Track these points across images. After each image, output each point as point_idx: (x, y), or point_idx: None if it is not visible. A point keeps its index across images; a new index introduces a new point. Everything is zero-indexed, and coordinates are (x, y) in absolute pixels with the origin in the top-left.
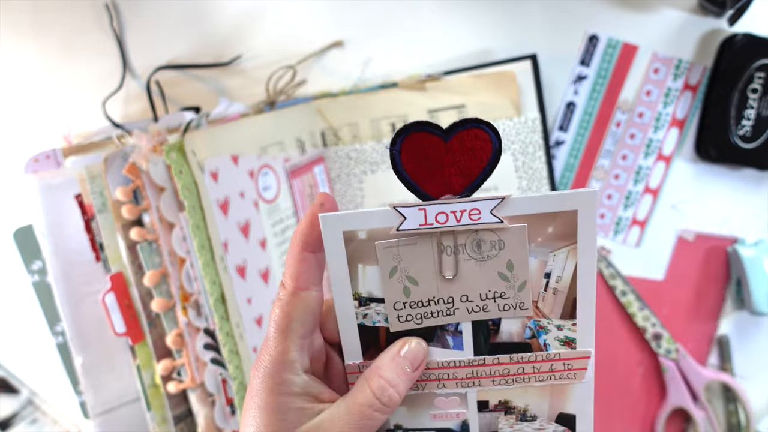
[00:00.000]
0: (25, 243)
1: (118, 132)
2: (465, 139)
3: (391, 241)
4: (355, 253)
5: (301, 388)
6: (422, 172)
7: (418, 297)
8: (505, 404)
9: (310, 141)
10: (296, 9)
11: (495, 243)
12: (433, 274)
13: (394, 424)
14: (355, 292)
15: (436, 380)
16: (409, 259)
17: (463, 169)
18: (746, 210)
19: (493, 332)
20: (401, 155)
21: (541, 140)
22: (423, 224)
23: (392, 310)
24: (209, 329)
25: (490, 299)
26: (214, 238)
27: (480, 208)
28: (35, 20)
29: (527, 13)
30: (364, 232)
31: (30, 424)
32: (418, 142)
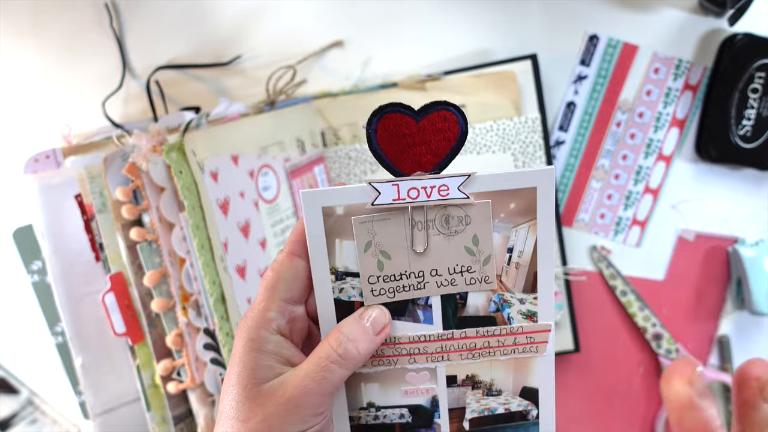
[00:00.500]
0: (24, 243)
1: (118, 132)
2: (435, 119)
3: (366, 216)
4: (333, 228)
5: (274, 347)
6: (395, 150)
7: (390, 271)
8: (472, 379)
9: (310, 141)
10: (296, 9)
11: (462, 218)
12: (405, 249)
13: (367, 402)
14: (332, 267)
15: (408, 355)
16: (383, 234)
17: (433, 148)
18: (746, 210)
19: (460, 306)
20: (377, 134)
21: (541, 140)
22: (396, 199)
23: (367, 284)
24: (209, 329)
25: (457, 273)
26: (214, 238)
27: (448, 185)
28: (35, 20)
29: (527, 13)
30: (341, 207)
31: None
32: (392, 122)
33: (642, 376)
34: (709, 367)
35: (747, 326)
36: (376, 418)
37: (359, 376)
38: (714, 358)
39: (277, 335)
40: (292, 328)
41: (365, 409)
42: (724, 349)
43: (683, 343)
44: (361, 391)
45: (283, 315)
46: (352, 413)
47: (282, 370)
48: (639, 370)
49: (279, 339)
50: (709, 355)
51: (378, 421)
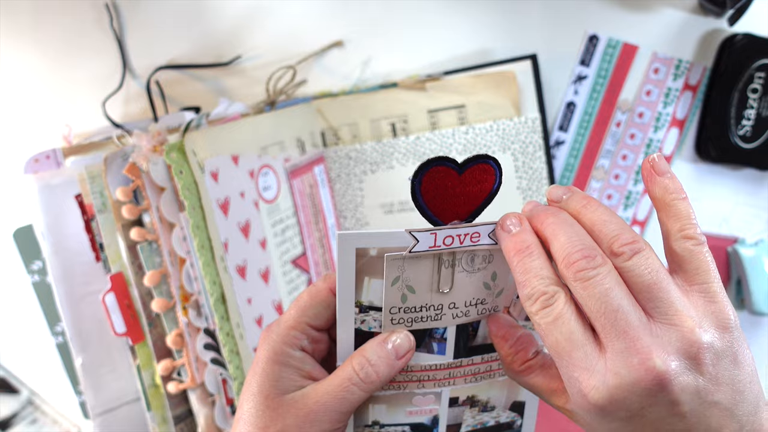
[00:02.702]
0: (25, 243)
1: (118, 132)
2: (475, 173)
3: (399, 254)
4: (364, 267)
5: (297, 362)
6: (438, 202)
7: (413, 303)
8: (471, 399)
9: (310, 141)
10: (296, 9)
11: (486, 257)
12: (429, 285)
13: (372, 421)
14: (357, 301)
15: (417, 381)
16: (412, 271)
17: (471, 198)
18: (746, 210)
19: (471, 336)
20: (422, 186)
21: (541, 140)
22: (432, 246)
23: (387, 314)
24: (209, 329)
25: (472, 305)
26: (215, 238)
27: (480, 232)
28: (35, 20)
29: (527, 13)
30: (374, 250)
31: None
32: (437, 176)
33: None
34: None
35: (747, 326)
36: None
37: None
38: None
39: (300, 351)
40: (315, 348)
41: (370, 426)
42: None
43: None
44: (368, 410)
45: (307, 336)
46: (357, 429)
47: (303, 384)
48: None
49: (302, 355)
50: None
51: None
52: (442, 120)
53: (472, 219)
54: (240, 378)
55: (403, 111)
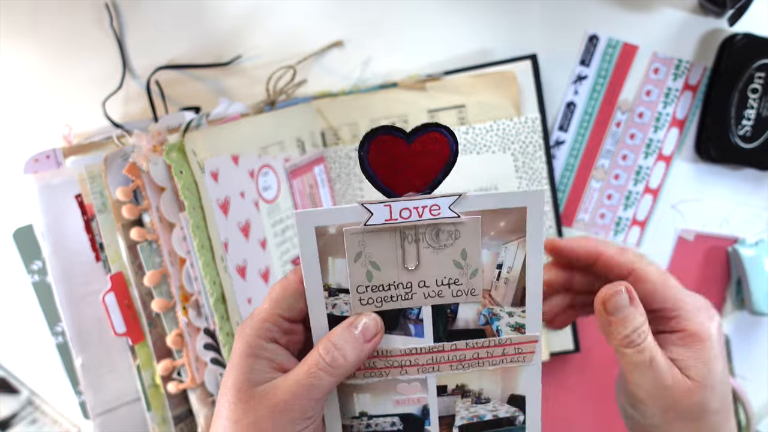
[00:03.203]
0: (25, 243)
1: (118, 132)
2: (426, 141)
3: (358, 227)
4: (326, 247)
5: (270, 354)
6: (387, 172)
7: (379, 281)
8: (461, 388)
9: (310, 141)
10: (296, 9)
11: (452, 233)
12: (394, 261)
13: (360, 412)
14: (325, 284)
15: (399, 367)
16: (373, 246)
17: (425, 169)
18: (746, 210)
19: (450, 320)
20: (369, 156)
21: (541, 140)
22: (388, 219)
23: (355, 293)
24: (209, 329)
25: (444, 285)
26: (215, 238)
27: (439, 204)
28: (35, 20)
29: (527, 13)
30: (334, 227)
31: (30, 424)
32: (384, 144)
33: None
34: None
35: (747, 326)
36: (368, 426)
37: (351, 386)
38: None
39: (273, 343)
40: (289, 339)
41: (357, 418)
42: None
43: None
44: (353, 400)
45: (281, 328)
46: (345, 422)
47: (275, 376)
48: None
49: (275, 347)
50: None
51: (370, 429)
52: (442, 120)
53: (430, 191)
54: None
55: (403, 111)
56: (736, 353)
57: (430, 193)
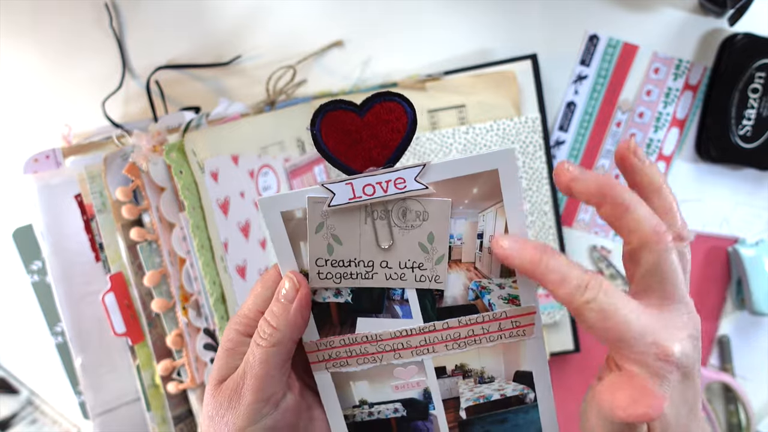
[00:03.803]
0: (24, 243)
1: (118, 132)
2: (379, 112)
3: (321, 197)
4: (295, 231)
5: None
6: (343, 148)
7: (340, 256)
8: (462, 368)
9: (310, 141)
10: (296, 9)
11: (420, 213)
12: (357, 237)
13: (359, 400)
14: (301, 270)
15: (392, 351)
16: (336, 219)
17: (382, 141)
18: (746, 210)
19: (438, 297)
20: (322, 134)
21: (541, 140)
22: (352, 198)
23: (314, 266)
24: (209, 329)
25: (408, 268)
26: (214, 238)
27: (404, 177)
28: (35, 20)
29: (527, 13)
30: (300, 211)
31: (30, 424)
32: (335, 120)
33: None
34: (709, 368)
35: (747, 326)
36: (370, 414)
37: (347, 374)
38: (714, 358)
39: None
40: None
41: (358, 406)
42: (724, 349)
43: None
44: (350, 389)
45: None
46: (346, 412)
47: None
48: None
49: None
50: (709, 355)
51: (373, 417)
52: (442, 120)
53: (392, 164)
54: None
55: None
56: (736, 353)
57: (392, 166)
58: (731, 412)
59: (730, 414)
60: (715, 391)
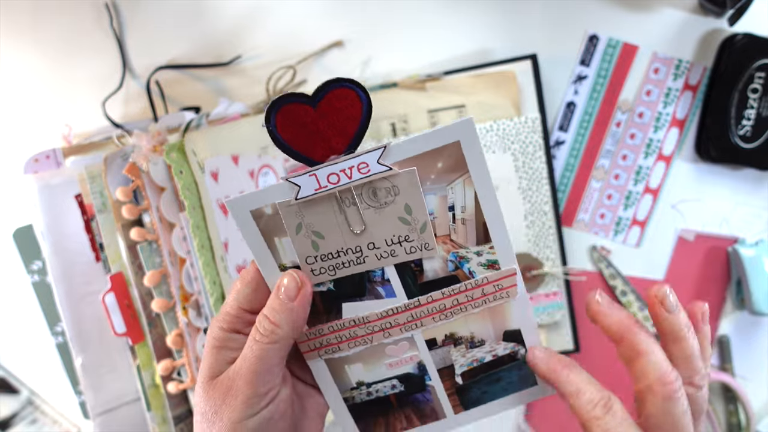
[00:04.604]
0: (24, 243)
1: (118, 132)
2: (332, 100)
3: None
4: (267, 228)
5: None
6: (302, 140)
7: (326, 250)
8: (451, 337)
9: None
10: (296, 9)
11: (390, 189)
12: (337, 227)
13: (357, 382)
14: (280, 265)
15: (381, 331)
16: (312, 215)
17: (339, 128)
18: (746, 210)
19: (418, 273)
20: (278, 129)
21: (541, 140)
22: (318, 188)
23: (305, 265)
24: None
25: (396, 244)
26: (215, 238)
27: (367, 161)
28: (35, 20)
29: (527, 13)
30: (269, 207)
31: (30, 424)
32: (289, 113)
33: None
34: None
35: (747, 326)
36: (369, 394)
37: (340, 360)
38: (714, 358)
39: (236, 334)
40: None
41: (356, 388)
42: (724, 349)
43: None
44: (346, 373)
45: (242, 319)
46: (345, 395)
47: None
48: None
49: (238, 336)
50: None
51: (372, 396)
52: (442, 120)
53: (352, 150)
54: None
55: (403, 111)
56: (736, 353)
57: (353, 153)
58: (731, 412)
59: (730, 414)
60: (715, 391)
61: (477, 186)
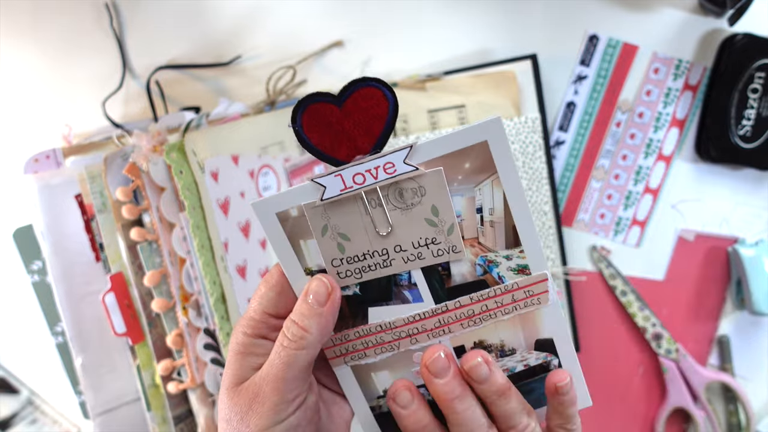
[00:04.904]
0: (25, 243)
1: (118, 132)
2: (358, 100)
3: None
4: (293, 231)
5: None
6: (328, 140)
7: (353, 252)
8: (481, 344)
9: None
10: (296, 9)
11: (416, 190)
12: (363, 229)
13: (383, 390)
14: (305, 268)
15: (408, 336)
16: (338, 217)
17: (365, 128)
18: (746, 210)
19: (445, 277)
20: (304, 129)
21: (541, 140)
22: (344, 189)
23: (331, 267)
24: (209, 329)
25: (423, 246)
26: (215, 238)
27: (393, 161)
28: (35, 20)
29: (527, 13)
30: (294, 209)
31: (30, 424)
32: (315, 113)
33: (642, 376)
34: (709, 367)
35: (747, 326)
36: None
37: (366, 367)
38: (714, 358)
39: (262, 339)
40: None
41: (383, 396)
42: (724, 349)
43: (683, 343)
44: (372, 380)
45: (267, 324)
46: (372, 403)
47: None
48: (639, 370)
49: (263, 342)
50: (709, 355)
51: None
52: (442, 120)
53: (378, 150)
54: None
55: (403, 111)
56: (736, 353)
57: (379, 152)
58: (731, 412)
59: (730, 414)
60: (714, 391)
61: (506, 187)
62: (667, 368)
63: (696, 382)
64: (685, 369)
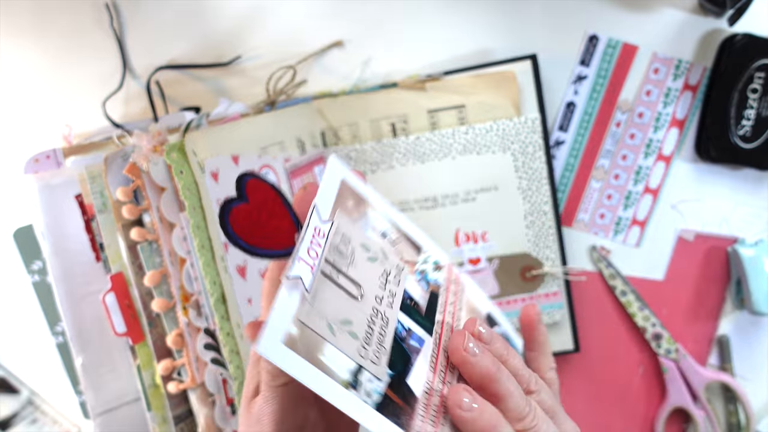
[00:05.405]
0: (25, 243)
1: (118, 132)
2: (253, 192)
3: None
4: (307, 350)
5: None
6: (265, 240)
7: (361, 331)
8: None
9: (310, 141)
10: (296, 9)
11: (343, 239)
12: (350, 304)
13: None
14: (342, 382)
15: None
16: (327, 307)
17: (277, 212)
18: (746, 210)
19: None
20: (242, 238)
21: (541, 140)
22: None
23: (361, 359)
24: (209, 329)
25: (386, 284)
26: (215, 238)
27: (315, 223)
28: (35, 20)
29: (527, 13)
30: (295, 328)
31: (30, 424)
32: (239, 217)
33: (642, 376)
34: (709, 367)
35: (747, 326)
36: None
37: None
38: (713, 358)
39: None
40: None
41: None
42: (723, 349)
43: (683, 343)
44: None
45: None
46: None
47: None
48: (639, 370)
49: None
50: (708, 355)
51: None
52: (442, 120)
53: (300, 224)
54: (240, 378)
55: (403, 111)
56: (736, 353)
57: (301, 224)
58: (731, 412)
59: (730, 414)
60: (714, 391)
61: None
62: (666, 368)
63: (696, 382)
64: (685, 369)
